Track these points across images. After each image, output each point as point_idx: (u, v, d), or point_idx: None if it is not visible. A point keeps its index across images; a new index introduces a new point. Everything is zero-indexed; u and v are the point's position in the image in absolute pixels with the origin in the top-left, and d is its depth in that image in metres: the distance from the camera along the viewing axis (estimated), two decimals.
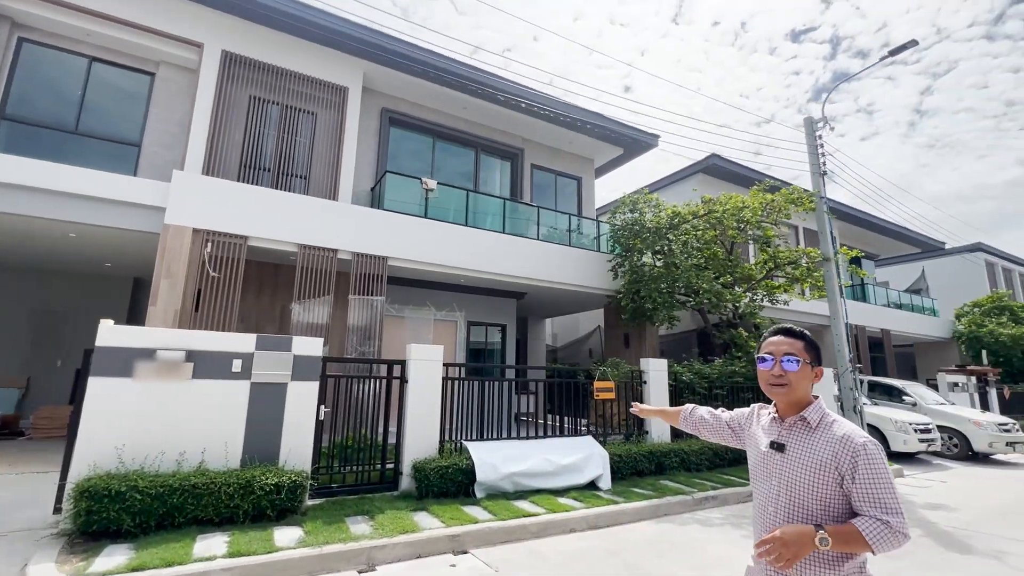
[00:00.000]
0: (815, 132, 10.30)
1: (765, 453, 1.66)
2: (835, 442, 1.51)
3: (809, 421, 1.59)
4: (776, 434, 1.66)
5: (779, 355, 1.65)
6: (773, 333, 1.75)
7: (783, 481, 1.57)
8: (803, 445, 1.57)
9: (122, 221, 7.04)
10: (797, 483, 1.54)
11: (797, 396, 1.63)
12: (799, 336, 1.69)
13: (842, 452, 1.49)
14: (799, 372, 1.61)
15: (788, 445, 1.60)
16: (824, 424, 1.58)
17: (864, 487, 1.45)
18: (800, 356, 1.63)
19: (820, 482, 1.50)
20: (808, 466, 1.53)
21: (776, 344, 1.69)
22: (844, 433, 1.52)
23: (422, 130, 11.24)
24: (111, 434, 4.36)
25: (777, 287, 10.69)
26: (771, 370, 1.66)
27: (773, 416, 1.71)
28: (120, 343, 4.52)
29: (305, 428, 5.18)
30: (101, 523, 3.93)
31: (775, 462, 1.62)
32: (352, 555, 4.04)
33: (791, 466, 1.57)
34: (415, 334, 10.12)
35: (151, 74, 8.71)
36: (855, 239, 19.55)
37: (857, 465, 1.46)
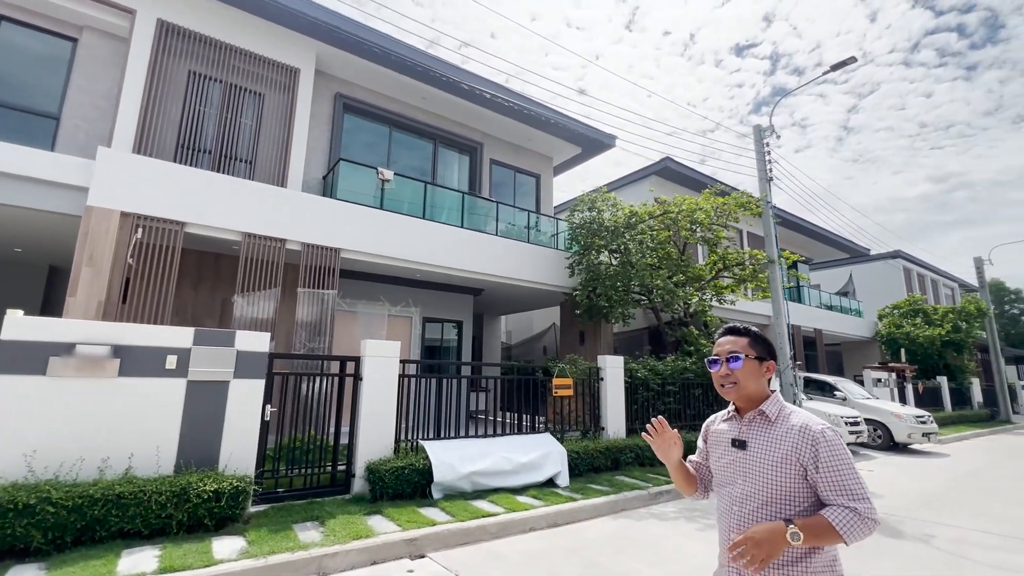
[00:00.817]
0: (763, 139, 10.78)
1: (728, 453, 1.63)
2: (794, 433, 1.48)
3: (768, 415, 1.57)
4: (736, 431, 1.63)
5: (724, 355, 1.64)
6: (722, 334, 1.73)
7: (748, 479, 1.54)
8: (764, 440, 1.54)
9: (37, 201, 6.30)
10: (761, 479, 1.50)
11: (748, 392, 1.61)
12: (743, 333, 1.68)
13: (801, 442, 1.46)
14: (744, 369, 1.60)
15: (749, 441, 1.57)
16: (782, 416, 1.56)
17: (828, 475, 1.42)
18: (744, 352, 1.61)
19: (784, 476, 1.47)
20: (770, 461, 1.50)
21: (722, 345, 1.68)
22: (801, 423, 1.50)
23: (378, 119, 10.83)
24: (18, 440, 3.85)
25: (725, 287, 11.11)
26: (719, 371, 1.65)
27: (731, 414, 1.69)
28: (30, 336, 4.00)
29: (249, 430, 4.80)
30: (5, 541, 3.45)
31: (738, 460, 1.59)
32: (301, 565, 3.77)
33: (753, 462, 1.54)
34: (368, 330, 9.74)
35: (73, 39, 7.87)
36: (792, 244, 20.74)
37: (819, 453, 1.44)
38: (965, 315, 19.61)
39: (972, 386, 20.33)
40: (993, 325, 21.29)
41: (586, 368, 7.93)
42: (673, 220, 10.08)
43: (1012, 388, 23.51)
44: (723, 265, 11.00)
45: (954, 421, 16.72)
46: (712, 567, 1.71)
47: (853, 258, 24.79)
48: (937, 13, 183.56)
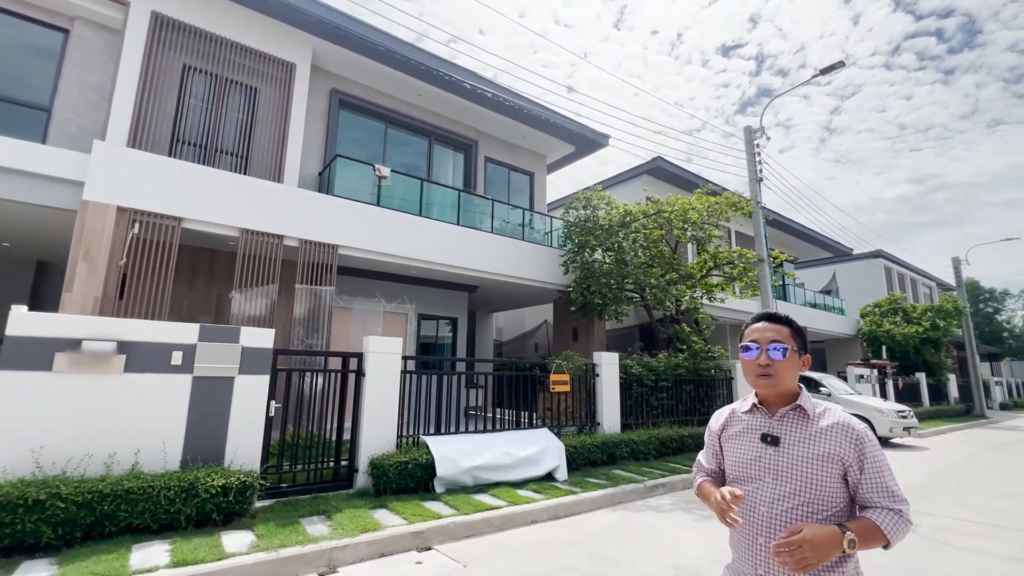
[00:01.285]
0: (753, 141, 11.00)
1: (754, 449, 1.50)
2: (836, 432, 1.41)
3: (807, 410, 1.47)
4: (766, 426, 1.50)
5: (765, 343, 1.49)
6: (756, 319, 1.59)
7: (781, 477, 1.43)
8: (801, 436, 1.44)
9: (29, 194, 6.21)
10: (799, 478, 1.40)
11: (784, 387, 1.49)
12: (785, 322, 1.54)
13: (845, 442, 1.39)
14: (787, 361, 1.47)
15: (783, 438, 1.46)
16: (818, 413, 1.47)
17: (874, 477, 1.37)
18: (787, 343, 1.48)
19: (824, 475, 1.39)
20: (810, 458, 1.40)
21: (761, 331, 1.53)
22: (841, 421, 1.43)
23: (374, 115, 10.81)
24: (25, 435, 3.84)
25: (715, 285, 11.33)
26: (757, 359, 1.50)
27: (755, 406, 1.56)
28: (36, 332, 3.98)
29: (254, 425, 4.83)
30: (15, 536, 3.46)
31: (767, 457, 1.47)
32: (312, 557, 3.83)
33: (789, 460, 1.43)
34: (363, 327, 9.76)
35: (64, 31, 7.74)
36: (778, 243, 21.14)
37: (865, 454, 1.38)
38: (943, 313, 20.21)
39: (949, 382, 20.99)
40: (969, 323, 21.97)
41: (582, 364, 8.06)
42: (667, 219, 10.25)
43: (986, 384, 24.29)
44: (714, 264, 11.21)
45: (932, 416, 17.27)
46: (711, 558, 1.73)
47: (836, 257, 25.35)
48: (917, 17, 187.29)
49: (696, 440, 8.57)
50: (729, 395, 10.38)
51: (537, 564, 4.05)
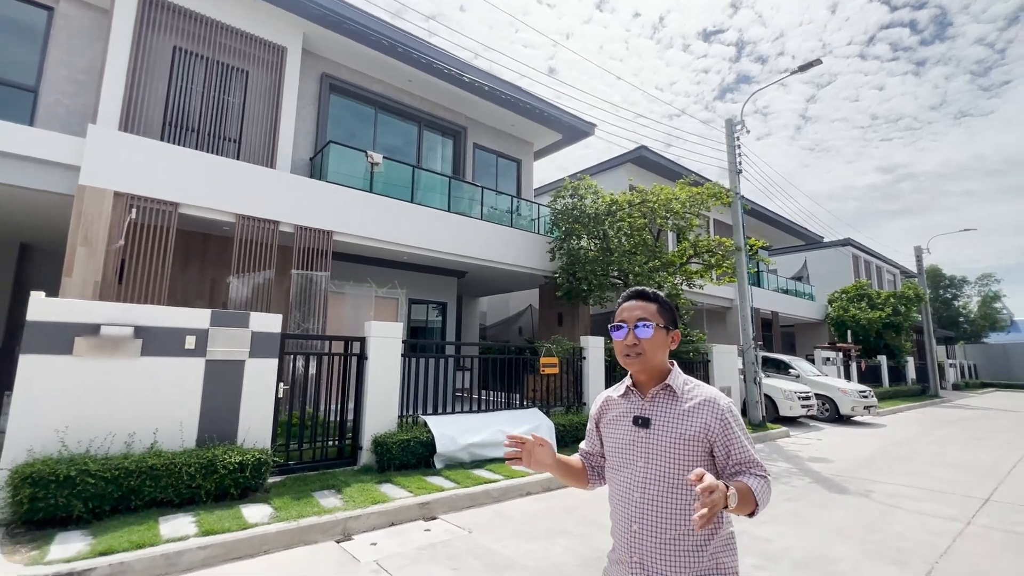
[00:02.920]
0: (734, 133, 11.40)
1: (628, 432, 1.46)
2: (704, 409, 1.39)
3: (674, 389, 1.44)
4: (638, 408, 1.47)
5: (632, 322, 1.46)
6: (626, 298, 1.55)
7: (652, 459, 1.39)
8: (670, 416, 1.41)
9: (21, 178, 6.18)
10: (669, 458, 1.37)
11: (653, 364, 1.45)
12: (652, 298, 1.50)
13: (710, 418, 1.38)
14: (653, 338, 1.44)
15: (653, 419, 1.42)
16: (687, 391, 1.45)
17: (739, 448, 1.38)
18: (654, 320, 1.45)
19: (692, 454, 1.37)
20: (679, 438, 1.38)
21: (629, 310, 1.49)
22: (707, 396, 1.41)
23: (364, 100, 10.83)
24: (51, 417, 4.01)
25: (695, 272, 11.82)
26: (624, 340, 1.47)
27: (629, 388, 1.53)
28: (56, 317, 4.13)
29: (264, 406, 5.07)
30: (48, 510, 3.67)
31: (640, 440, 1.43)
32: (328, 526, 4.14)
33: (659, 441, 1.40)
34: (356, 311, 9.94)
35: (49, 8, 7.57)
36: (753, 231, 21.87)
37: (729, 427, 1.37)
38: (904, 300, 21.33)
39: (907, 364, 22.27)
40: (928, 309, 23.24)
41: (570, 348, 8.45)
42: (651, 209, 10.62)
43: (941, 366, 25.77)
44: (694, 252, 11.68)
45: (891, 396, 18.39)
46: None
47: (808, 245, 26.32)
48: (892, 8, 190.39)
49: None
50: (706, 376, 10.95)
51: (535, 528, 4.44)
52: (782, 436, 9.98)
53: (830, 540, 4.22)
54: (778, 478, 6.41)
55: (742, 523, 4.57)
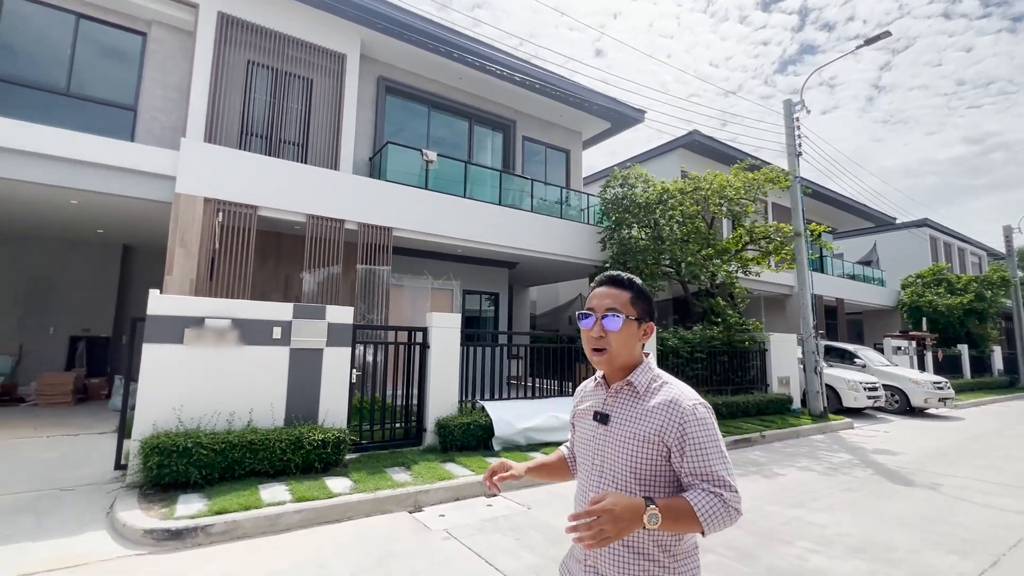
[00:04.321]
0: (792, 114, 10.96)
1: (590, 427, 1.37)
2: (662, 409, 1.25)
3: (635, 385, 1.32)
4: (601, 403, 1.37)
5: (600, 311, 1.32)
6: (599, 283, 1.40)
7: (606, 458, 1.29)
8: (628, 415, 1.30)
9: (129, 189, 6.99)
10: (622, 459, 1.26)
11: (620, 361, 1.33)
12: (627, 285, 1.37)
13: (668, 420, 1.23)
14: (621, 332, 1.30)
15: (612, 415, 1.32)
16: (652, 389, 1.31)
17: (693, 457, 1.20)
18: (624, 311, 1.31)
19: (645, 457, 1.24)
20: (632, 439, 1.26)
21: (599, 297, 1.35)
22: (671, 397, 1.26)
23: (418, 99, 11.28)
24: (168, 397, 4.67)
25: (751, 259, 11.53)
26: (591, 331, 1.33)
27: (598, 381, 1.43)
28: (169, 312, 4.77)
29: (340, 390, 5.60)
30: (171, 475, 4.31)
31: (598, 436, 1.33)
32: (402, 499, 4.58)
33: (614, 440, 1.29)
34: (413, 302, 10.49)
35: (142, 34, 8.43)
36: (817, 214, 20.79)
37: (686, 433, 1.21)
38: (989, 284, 19.65)
39: (993, 354, 20.54)
40: (1019, 293, 21.27)
41: None
42: (703, 196, 10.46)
43: None
44: (749, 238, 11.38)
45: (972, 388, 17.11)
46: (749, 505, 1.52)
47: (878, 227, 24.69)
48: None
49: (730, 408, 9.06)
50: (762, 365, 10.74)
51: None
52: (845, 428, 9.67)
53: (889, 528, 4.21)
54: (837, 469, 6.32)
55: (795, 509, 4.63)
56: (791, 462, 6.66)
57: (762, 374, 10.71)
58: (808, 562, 3.54)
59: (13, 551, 3.31)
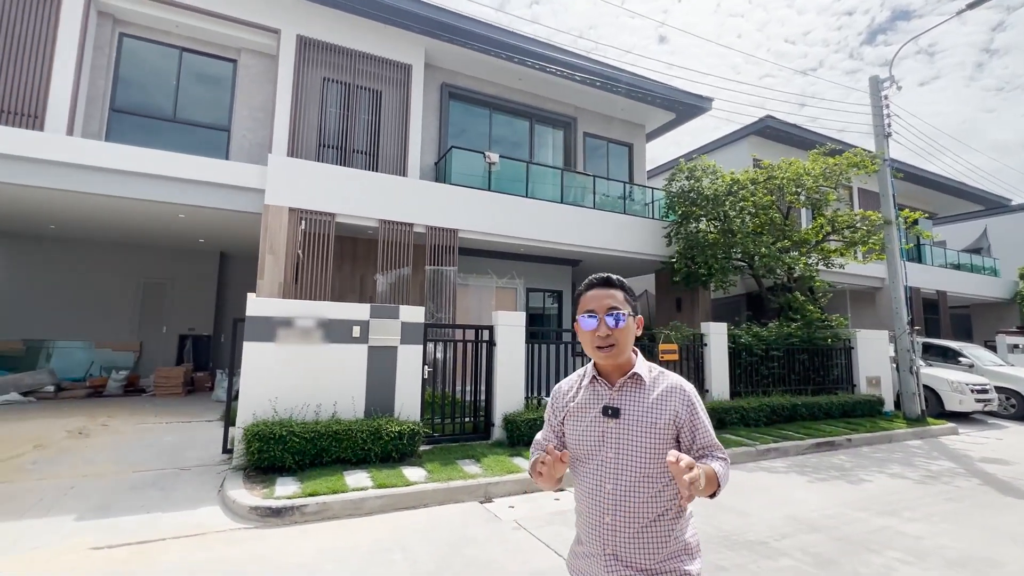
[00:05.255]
0: (880, 92, 10.08)
1: (596, 423, 1.44)
2: (671, 396, 1.41)
3: (643, 378, 1.44)
4: (607, 398, 1.44)
5: (603, 311, 1.42)
6: (590, 286, 1.49)
7: (622, 449, 1.38)
8: (640, 406, 1.41)
9: (227, 203, 7.76)
10: (640, 448, 1.37)
11: (625, 355, 1.45)
12: (618, 285, 1.47)
13: (680, 405, 1.40)
14: (625, 328, 1.42)
15: (623, 409, 1.41)
16: (653, 379, 1.46)
17: (703, 432, 1.42)
18: (623, 308, 1.42)
19: (663, 442, 1.37)
20: (650, 427, 1.38)
21: (598, 298, 1.45)
22: (674, 384, 1.44)
23: (479, 103, 11.55)
24: (265, 389, 5.19)
25: (833, 251, 10.75)
26: (596, 330, 1.42)
27: (592, 379, 1.50)
28: (264, 313, 5.28)
29: (413, 385, 5.92)
30: (269, 460, 4.79)
31: (610, 431, 1.41)
32: (473, 489, 4.79)
33: (630, 431, 1.39)
34: (478, 301, 10.78)
35: (233, 61, 9.31)
36: (913, 198, 18.91)
37: (695, 412, 1.41)
38: None
39: None
40: None
41: (690, 334, 8.34)
42: (777, 186, 9.89)
43: None
44: (831, 228, 10.61)
45: None
46: (827, 512, 1.54)
47: (989, 210, 22.01)
48: None
49: (810, 409, 8.53)
50: (848, 364, 10.00)
51: None
52: (947, 433, 8.79)
53: (995, 543, 3.83)
54: (936, 477, 5.80)
55: (884, 517, 4.33)
56: (881, 468, 6.19)
57: (848, 374, 9.97)
58: (897, 572, 3.32)
59: (149, 519, 3.86)
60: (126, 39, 8.62)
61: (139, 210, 8.05)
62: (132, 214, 8.33)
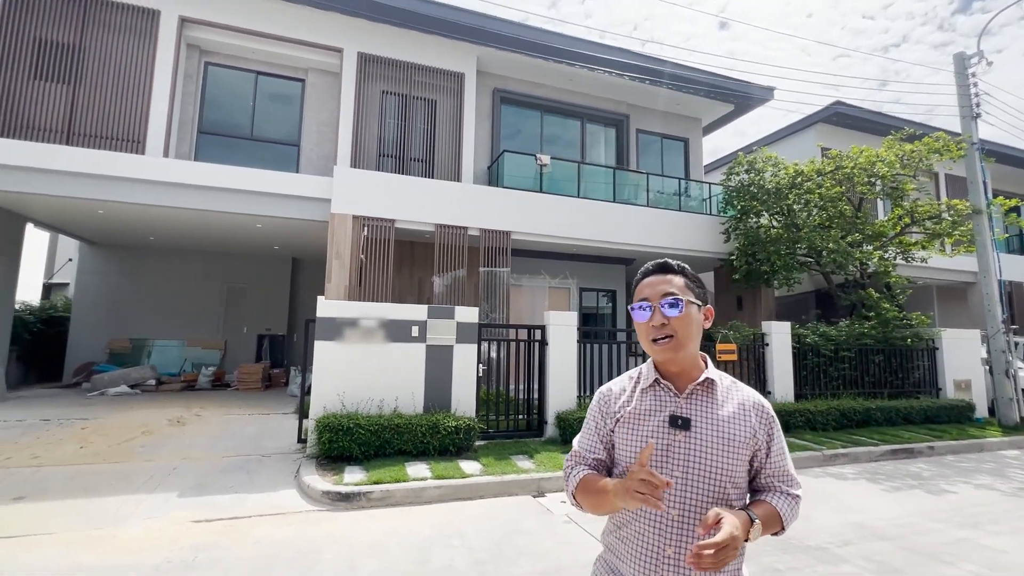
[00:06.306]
0: (967, 69, 9.24)
1: (661, 435, 1.23)
2: (750, 412, 1.25)
3: (717, 385, 1.27)
4: (673, 406, 1.25)
5: (656, 299, 1.25)
6: (645, 273, 1.33)
7: (693, 465, 1.20)
8: (714, 417, 1.23)
9: (298, 212, 8.41)
10: (713, 465, 1.19)
11: (688, 350, 1.25)
12: (678, 271, 1.31)
13: (760, 423, 1.25)
14: (685, 317, 1.23)
15: (694, 420, 1.23)
16: (726, 388, 1.28)
17: (778, 460, 1.26)
18: (683, 295, 1.24)
19: (737, 462, 1.21)
20: (726, 444, 1.20)
21: (652, 285, 1.28)
22: (751, 397, 1.28)
23: (530, 105, 11.71)
24: (333, 384, 5.62)
25: (913, 244, 9.97)
26: (650, 321, 1.24)
27: (653, 382, 1.29)
28: (332, 314, 5.72)
29: (468, 383, 6.17)
30: (338, 450, 5.19)
31: (677, 444, 1.22)
32: (525, 483, 4.95)
33: (702, 445, 1.20)
34: (532, 301, 10.94)
35: (301, 80, 10.03)
36: (1010, 181, 17.04)
37: (773, 436, 1.26)
38: None
39: None
40: None
41: (749, 334, 8.06)
42: (847, 176, 9.32)
43: None
44: (911, 219, 9.84)
45: None
46: (898, 522, 1.36)
47: None
48: None
49: (886, 414, 7.99)
50: (932, 366, 9.24)
51: None
52: None
53: None
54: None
55: (964, 529, 4.06)
56: (966, 478, 5.72)
57: (931, 376, 9.22)
58: None
59: (238, 498, 4.33)
60: (210, 67, 9.53)
61: (223, 221, 8.89)
62: (217, 225, 9.21)
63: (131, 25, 8.61)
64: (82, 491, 4.34)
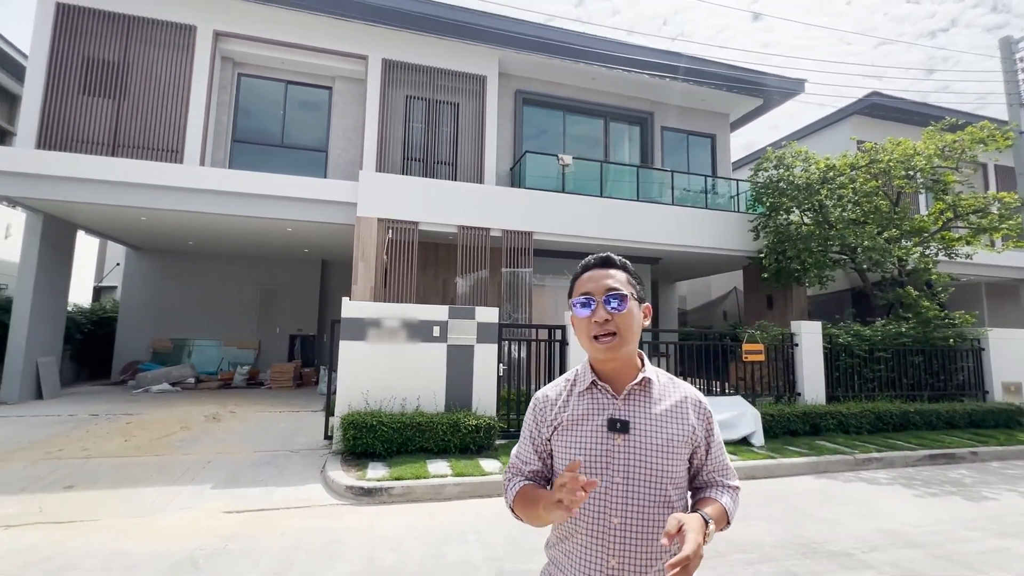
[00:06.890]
0: (1014, 54, 8.75)
1: (599, 439, 1.17)
2: (686, 409, 1.20)
3: (654, 384, 1.21)
4: (611, 408, 1.19)
5: (600, 293, 1.18)
6: (585, 267, 1.27)
7: (633, 469, 1.14)
8: (652, 418, 1.17)
9: (326, 216, 8.67)
10: (654, 468, 1.14)
11: (629, 348, 1.19)
12: (620, 266, 1.25)
13: (699, 419, 1.21)
14: (629, 314, 1.17)
15: (632, 422, 1.16)
16: (663, 385, 1.23)
17: (718, 455, 1.23)
18: (626, 290, 1.19)
19: (679, 460, 1.16)
20: (666, 445, 1.15)
21: (595, 279, 1.21)
22: (689, 394, 1.23)
23: (552, 106, 11.72)
24: (358, 383, 5.78)
25: (957, 239, 9.49)
26: (592, 316, 1.18)
27: (589, 385, 1.22)
28: (356, 315, 5.89)
29: (489, 382, 6.24)
30: (362, 446, 5.34)
31: (616, 448, 1.15)
32: None
33: (642, 448, 1.14)
34: (555, 301, 10.92)
35: (329, 88, 10.33)
36: None
37: (711, 431, 1.22)
38: None
39: None
40: None
41: (778, 334, 7.85)
42: (883, 169, 8.95)
43: None
44: (954, 213, 9.37)
45: None
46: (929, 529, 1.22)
47: None
48: None
49: (925, 418, 7.64)
50: (978, 368, 8.79)
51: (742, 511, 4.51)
52: None
53: None
54: None
55: (1001, 539, 3.88)
56: (1011, 485, 5.43)
57: (977, 379, 8.76)
58: None
59: (265, 491, 4.52)
60: (243, 78, 9.93)
61: (256, 226, 9.24)
62: (251, 230, 9.57)
63: (169, 40, 9.06)
64: (125, 482, 4.61)
